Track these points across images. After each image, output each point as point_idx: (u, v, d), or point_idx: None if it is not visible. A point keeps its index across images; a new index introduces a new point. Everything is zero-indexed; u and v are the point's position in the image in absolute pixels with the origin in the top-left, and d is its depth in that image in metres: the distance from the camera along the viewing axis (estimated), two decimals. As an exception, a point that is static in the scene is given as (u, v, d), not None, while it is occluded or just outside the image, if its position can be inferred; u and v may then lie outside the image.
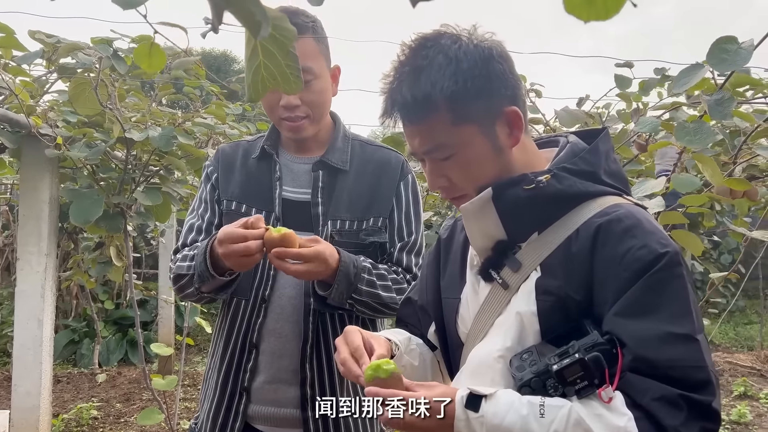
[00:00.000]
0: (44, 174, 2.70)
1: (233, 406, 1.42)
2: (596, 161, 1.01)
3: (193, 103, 3.06)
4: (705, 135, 1.56)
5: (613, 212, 0.95)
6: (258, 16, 0.54)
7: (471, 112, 0.97)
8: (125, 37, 2.25)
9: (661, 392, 0.84)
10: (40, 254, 2.71)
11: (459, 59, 0.95)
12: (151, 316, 6.19)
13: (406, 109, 0.98)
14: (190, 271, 1.37)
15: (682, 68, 1.55)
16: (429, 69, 0.96)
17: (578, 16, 0.53)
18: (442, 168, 1.02)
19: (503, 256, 1.03)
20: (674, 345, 0.87)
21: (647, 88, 2.42)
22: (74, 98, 2.32)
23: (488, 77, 0.97)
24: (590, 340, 0.88)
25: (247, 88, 0.73)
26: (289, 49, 0.69)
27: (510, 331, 0.98)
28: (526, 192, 0.97)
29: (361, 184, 1.47)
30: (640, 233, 0.92)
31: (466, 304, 1.11)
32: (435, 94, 0.95)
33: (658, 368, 0.86)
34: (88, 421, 4.12)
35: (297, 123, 1.43)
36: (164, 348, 2.78)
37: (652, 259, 0.89)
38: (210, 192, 1.51)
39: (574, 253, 0.95)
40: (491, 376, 0.98)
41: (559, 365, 0.88)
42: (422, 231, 1.53)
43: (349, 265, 1.33)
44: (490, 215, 1.00)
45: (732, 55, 1.40)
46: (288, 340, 1.41)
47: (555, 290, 0.95)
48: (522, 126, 1.01)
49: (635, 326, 0.88)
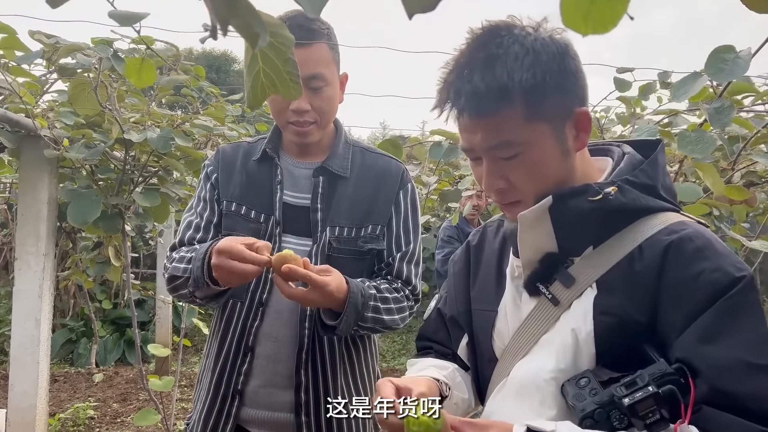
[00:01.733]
0: (43, 174, 2.70)
1: (225, 408, 1.42)
2: (655, 175, 0.96)
3: (192, 105, 3.06)
4: (706, 144, 1.56)
5: (681, 230, 0.90)
6: (256, 28, 0.55)
7: (545, 109, 0.90)
8: (125, 38, 2.25)
9: (743, 428, 0.78)
10: (39, 254, 2.71)
11: (537, 51, 0.88)
12: (148, 317, 6.18)
13: (477, 98, 0.88)
14: (185, 273, 1.35)
15: (682, 77, 1.56)
16: (505, 58, 0.87)
17: (576, 30, 0.53)
18: (504, 168, 0.94)
19: (552, 270, 0.96)
20: (754, 376, 0.80)
21: (647, 92, 2.43)
22: (74, 98, 2.33)
23: (565, 73, 0.90)
24: (658, 370, 0.83)
25: (247, 95, 0.74)
26: (288, 56, 0.69)
27: (564, 351, 0.92)
28: (591, 204, 0.91)
29: (361, 192, 1.47)
30: (712, 255, 0.87)
31: (504, 318, 1.05)
32: (512, 85, 0.87)
33: (737, 401, 0.80)
34: (84, 421, 4.12)
35: (305, 128, 1.42)
36: (161, 349, 2.78)
37: (727, 284, 0.84)
38: (210, 191, 1.50)
39: (638, 272, 0.89)
40: (540, 398, 0.93)
41: (631, 398, 0.81)
42: (420, 240, 1.53)
43: (358, 294, 1.31)
44: (543, 226, 0.94)
45: (730, 65, 1.40)
46: (283, 345, 1.41)
47: (616, 310, 0.89)
48: (589, 130, 0.95)
49: (712, 354, 0.82)
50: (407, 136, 2.99)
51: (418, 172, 3.58)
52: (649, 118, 2.35)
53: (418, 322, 7.67)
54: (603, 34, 0.52)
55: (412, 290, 1.48)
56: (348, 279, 1.31)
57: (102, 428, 4.09)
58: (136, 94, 2.83)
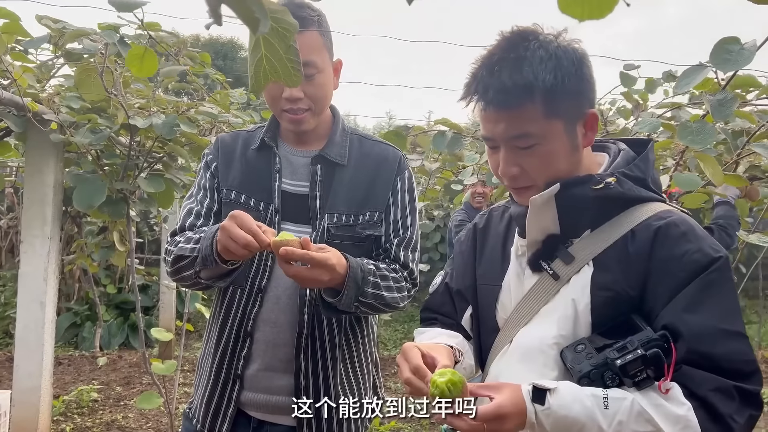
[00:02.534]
0: (49, 158, 2.72)
1: (226, 392, 1.43)
2: (647, 169, 1.09)
3: (197, 92, 3.07)
4: (707, 135, 1.56)
5: (668, 217, 1.02)
6: (256, 13, 0.56)
7: (561, 108, 1.02)
8: (132, 23, 2.26)
9: (717, 383, 0.92)
10: (44, 237, 2.73)
11: (559, 56, 1.00)
12: (152, 302, 6.23)
13: (504, 93, 1.00)
14: (193, 253, 1.36)
15: (686, 68, 1.56)
16: (532, 60, 0.99)
17: (572, 15, 0.54)
18: (519, 156, 1.05)
19: (554, 249, 1.09)
20: (728, 340, 0.95)
21: (653, 86, 2.42)
22: (80, 84, 2.34)
23: (581, 78, 1.03)
24: (645, 336, 0.95)
25: (250, 79, 0.75)
26: (291, 43, 0.70)
27: (565, 319, 1.05)
28: (594, 192, 1.03)
29: (359, 179, 1.48)
30: (694, 238, 1.00)
31: (507, 291, 1.17)
32: (536, 84, 0.99)
33: (713, 361, 0.93)
34: (88, 403, 4.16)
35: (299, 116, 1.43)
36: (164, 333, 2.80)
37: (706, 263, 0.98)
38: (210, 180, 1.51)
39: (631, 252, 1.02)
40: (543, 361, 1.05)
41: (622, 360, 0.94)
42: (417, 226, 1.54)
43: (357, 269, 1.33)
44: (549, 210, 1.06)
45: (735, 56, 1.40)
46: (283, 330, 1.42)
47: (611, 285, 1.02)
48: (596, 129, 1.08)
49: (692, 321, 0.95)
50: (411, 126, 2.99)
51: (422, 161, 3.58)
52: (653, 111, 2.35)
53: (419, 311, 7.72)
54: (598, 20, 0.53)
55: (409, 274, 1.49)
56: (347, 255, 1.33)
57: (105, 410, 4.13)
58: (142, 80, 2.83)
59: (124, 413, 4.10)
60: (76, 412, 4.05)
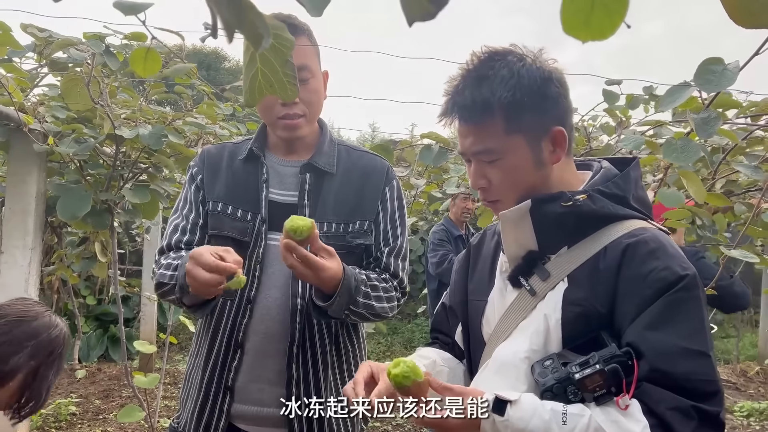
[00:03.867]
0: (32, 168, 2.69)
1: (217, 405, 1.42)
2: (627, 187, 1.10)
3: (184, 102, 3.06)
4: (691, 152, 1.59)
5: (640, 235, 1.03)
6: (260, 29, 0.56)
7: (522, 124, 1.05)
8: (118, 33, 2.25)
9: (676, 403, 0.92)
10: (25, 248, 2.69)
11: (521, 75, 1.04)
12: (133, 313, 6.15)
13: (466, 110, 1.06)
14: (171, 281, 1.37)
15: (670, 87, 1.59)
16: (493, 79, 1.04)
17: (577, 37, 0.55)
18: (486, 170, 1.10)
19: (533, 266, 1.10)
20: (689, 359, 0.94)
21: (634, 103, 2.47)
22: (66, 93, 2.32)
23: (544, 96, 1.05)
24: (609, 352, 0.96)
25: (245, 94, 0.75)
26: (287, 58, 0.71)
27: (536, 334, 1.06)
28: (563, 208, 1.05)
29: (348, 188, 1.49)
30: (663, 255, 1.00)
31: (492, 306, 1.19)
32: (493, 101, 1.03)
33: (673, 380, 0.93)
34: (66, 417, 4.09)
35: (294, 121, 1.44)
36: (147, 345, 2.78)
37: (673, 280, 0.97)
38: (195, 193, 1.51)
39: (602, 270, 1.03)
40: (515, 375, 1.06)
41: (581, 374, 0.95)
42: (407, 235, 1.56)
43: (351, 278, 1.34)
44: (526, 226, 1.09)
45: (718, 76, 1.44)
46: (274, 340, 1.42)
47: (581, 301, 1.03)
48: (565, 146, 1.09)
49: (654, 339, 0.95)
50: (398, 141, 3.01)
51: (407, 174, 3.60)
52: (635, 129, 2.40)
53: (402, 324, 7.70)
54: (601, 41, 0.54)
55: (399, 283, 1.51)
56: (344, 265, 1.34)
57: (84, 425, 4.06)
58: (128, 90, 2.82)
59: (103, 427, 4.03)
60: (53, 426, 3.97)
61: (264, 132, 1.54)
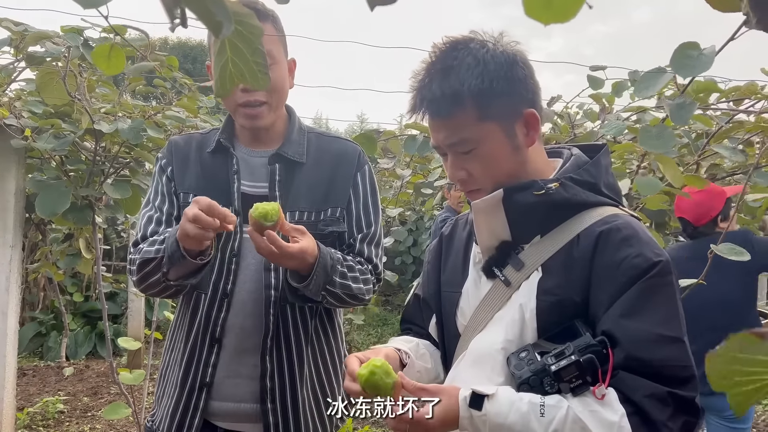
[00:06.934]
0: (11, 164, 2.66)
1: (192, 401, 1.41)
2: (598, 174, 1.09)
3: (165, 96, 3.02)
4: (666, 139, 1.60)
5: (612, 222, 1.02)
6: (219, 16, 0.55)
7: (494, 110, 1.04)
8: (96, 26, 2.21)
9: (652, 390, 0.92)
10: (5, 246, 2.66)
11: (486, 61, 1.02)
12: (120, 309, 6.10)
13: (435, 104, 1.04)
14: (158, 254, 1.33)
15: (644, 73, 1.59)
16: (459, 68, 1.02)
17: (538, 19, 0.54)
18: (463, 161, 1.08)
19: (507, 256, 1.09)
20: (664, 346, 0.94)
21: (619, 89, 2.47)
22: (41, 88, 2.29)
23: (511, 80, 1.03)
24: (583, 342, 0.95)
25: (215, 84, 0.74)
26: (257, 46, 0.69)
27: (512, 325, 1.05)
28: (535, 197, 1.04)
29: (319, 175, 1.48)
30: (636, 242, 0.99)
31: (466, 298, 1.18)
32: (463, 91, 1.01)
33: (649, 367, 0.93)
34: (53, 415, 4.06)
35: (255, 110, 1.42)
36: (132, 342, 2.75)
37: (646, 267, 0.97)
38: (166, 184, 1.49)
39: (576, 258, 1.02)
40: (492, 366, 1.05)
41: (556, 366, 0.95)
42: (381, 222, 1.54)
43: (327, 257, 1.33)
44: (499, 216, 1.08)
45: (694, 61, 1.44)
46: (249, 335, 1.41)
47: (555, 291, 1.02)
48: (538, 128, 1.08)
49: (629, 326, 0.95)
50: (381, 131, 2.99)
51: (392, 165, 3.59)
52: (618, 114, 2.40)
53: (393, 315, 7.71)
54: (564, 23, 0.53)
55: (374, 268, 1.50)
56: (319, 243, 1.33)
57: (72, 422, 4.04)
58: (107, 84, 2.78)
59: (91, 424, 4.01)
60: (41, 424, 3.94)
61: (231, 122, 1.52)
